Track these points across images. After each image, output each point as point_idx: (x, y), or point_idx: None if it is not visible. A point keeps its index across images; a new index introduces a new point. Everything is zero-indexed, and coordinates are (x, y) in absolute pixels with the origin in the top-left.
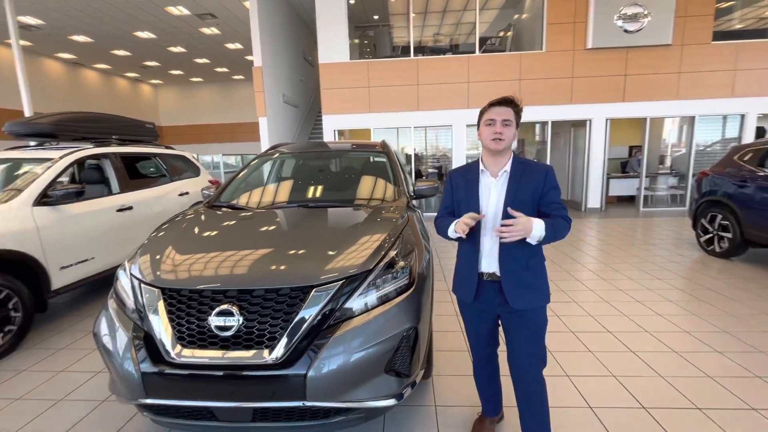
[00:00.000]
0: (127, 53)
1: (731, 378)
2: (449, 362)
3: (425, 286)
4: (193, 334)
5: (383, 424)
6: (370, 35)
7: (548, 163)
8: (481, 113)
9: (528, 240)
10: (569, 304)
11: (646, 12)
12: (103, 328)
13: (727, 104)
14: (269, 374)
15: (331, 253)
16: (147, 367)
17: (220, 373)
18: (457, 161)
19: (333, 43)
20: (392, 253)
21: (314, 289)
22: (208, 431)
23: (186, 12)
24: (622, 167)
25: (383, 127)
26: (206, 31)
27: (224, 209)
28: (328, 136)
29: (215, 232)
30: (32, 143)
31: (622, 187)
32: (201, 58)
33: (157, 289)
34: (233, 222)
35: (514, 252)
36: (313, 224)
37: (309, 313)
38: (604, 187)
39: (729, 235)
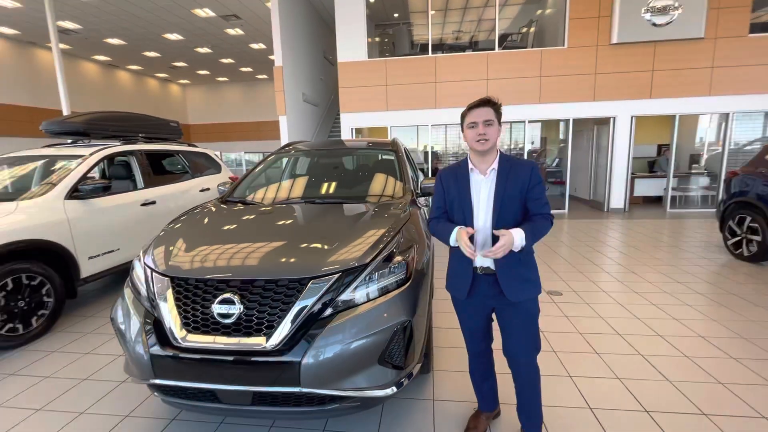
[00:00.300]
0: (157, 54)
1: (743, 385)
2: (449, 358)
3: (423, 281)
4: (197, 320)
5: (380, 415)
6: (390, 33)
7: (569, 162)
8: (463, 116)
9: (512, 249)
10: (579, 305)
11: (676, 4)
12: (119, 314)
13: (765, 100)
14: (266, 360)
15: (330, 246)
16: (156, 350)
17: (221, 358)
18: None
19: (351, 41)
20: (390, 248)
21: (311, 281)
22: (212, 412)
23: (211, 14)
24: (650, 166)
25: (400, 125)
26: (231, 31)
27: (236, 204)
28: (346, 134)
29: (223, 226)
30: (68, 141)
31: (648, 187)
32: (226, 58)
33: (166, 278)
34: (241, 216)
35: None
36: (315, 219)
37: (305, 303)
38: (628, 186)
39: (758, 238)
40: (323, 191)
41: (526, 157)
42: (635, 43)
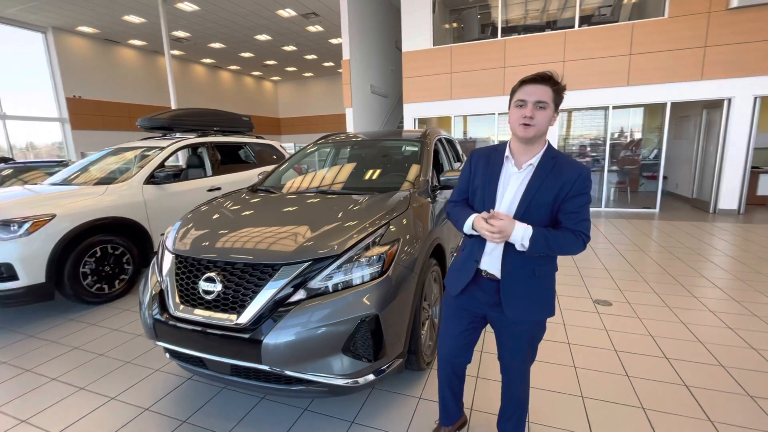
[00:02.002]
0: (251, 55)
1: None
2: None
3: (409, 277)
4: (188, 294)
5: (362, 404)
6: (459, 18)
7: (663, 154)
8: (513, 92)
9: (511, 241)
10: (628, 319)
11: None
12: (142, 285)
13: None
14: (235, 336)
15: (309, 234)
16: (157, 316)
17: (201, 330)
18: None
19: (416, 30)
20: (367, 240)
21: (282, 267)
22: (207, 379)
23: (293, 13)
24: None
25: (464, 114)
26: (311, 29)
27: (257, 194)
28: (408, 124)
29: (228, 214)
30: (159, 134)
31: None
32: (310, 55)
33: (172, 256)
34: (251, 204)
35: (523, 255)
36: (311, 209)
37: (274, 287)
38: (745, 183)
39: None
40: (335, 183)
41: (607, 149)
42: (763, 5)
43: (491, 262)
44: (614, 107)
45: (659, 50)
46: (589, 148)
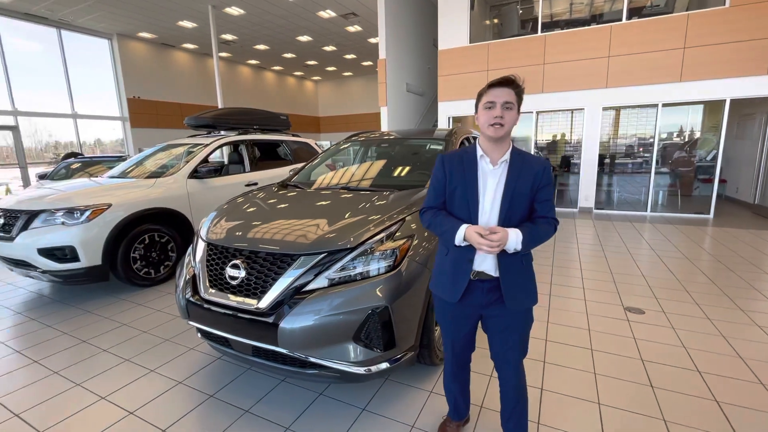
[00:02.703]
0: (293, 55)
1: None
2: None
3: (419, 272)
4: (216, 279)
5: (375, 392)
6: (498, 14)
7: (720, 155)
8: (480, 95)
9: (505, 249)
10: (661, 329)
11: None
12: (179, 269)
13: None
14: (255, 319)
15: (328, 228)
16: (189, 298)
17: (227, 312)
18: (589, 150)
19: (453, 27)
20: (382, 235)
21: (300, 257)
22: (235, 360)
23: (333, 14)
24: None
25: None
26: (350, 29)
27: (286, 189)
28: (443, 123)
29: (259, 206)
30: (205, 132)
31: None
32: (349, 54)
33: (205, 243)
34: (279, 199)
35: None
36: (335, 204)
37: (292, 275)
38: None
39: None
40: (360, 179)
41: (655, 150)
42: None
43: (484, 260)
44: (664, 105)
45: (718, 42)
46: (635, 149)
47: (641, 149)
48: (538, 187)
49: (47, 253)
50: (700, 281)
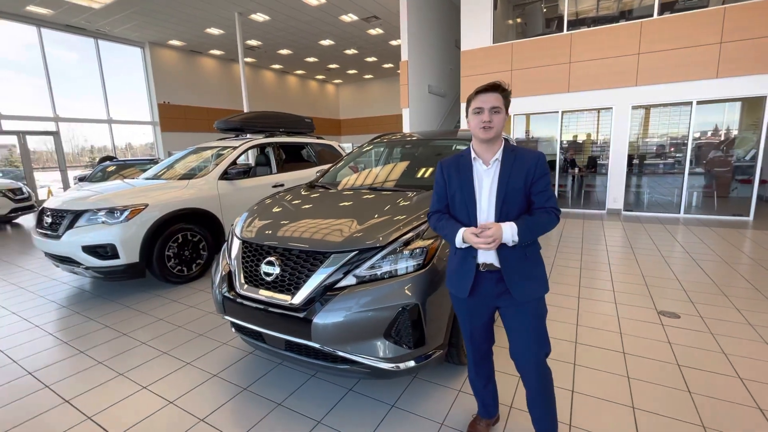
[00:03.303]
0: (316, 59)
1: None
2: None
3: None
4: (251, 275)
5: (404, 390)
6: (523, 13)
7: (761, 154)
8: (469, 101)
9: (504, 242)
10: (698, 334)
11: None
12: (214, 267)
13: None
14: (289, 314)
15: (358, 227)
16: (225, 293)
17: (262, 307)
18: (617, 150)
19: (476, 28)
20: (410, 234)
21: (332, 255)
22: (268, 354)
23: (354, 18)
24: None
25: (526, 112)
26: (372, 32)
27: (314, 189)
28: (464, 124)
29: (290, 206)
30: (233, 135)
31: None
32: (370, 57)
33: (240, 241)
34: (308, 199)
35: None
36: (363, 204)
37: (324, 272)
38: None
39: None
40: (386, 180)
41: (688, 149)
42: None
43: (488, 254)
44: (699, 102)
45: (758, 37)
46: (667, 148)
47: (673, 149)
48: (533, 180)
49: (90, 250)
50: (739, 285)
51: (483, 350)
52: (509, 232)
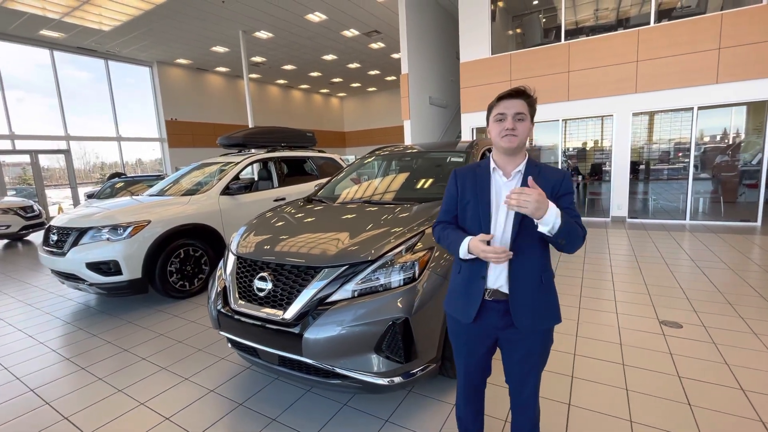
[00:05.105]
0: (319, 74)
1: None
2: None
3: (439, 284)
4: (245, 291)
5: (398, 404)
6: (520, 24)
7: (766, 158)
8: (490, 108)
9: (538, 223)
10: (701, 344)
11: None
12: (211, 281)
13: None
14: (281, 329)
15: (349, 241)
16: (220, 309)
17: (255, 322)
18: (619, 157)
19: (474, 39)
20: (401, 248)
21: (323, 269)
22: (263, 369)
23: (356, 32)
24: None
25: None
26: (374, 46)
27: (310, 203)
28: (466, 134)
29: (285, 221)
30: (236, 151)
31: None
32: (373, 70)
33: (235, 257)
34: (304, 213)
35: (528, 264)
36: (358, 217)
37: (316, 287)
38: None
39: None
40: (382, 193)
41: (692, 155)
42: None
43: (497, 278)
44: (700, 108)
45: (757, 42)
46: (671, 154)
47: (678, 154)
48: (558, 195)
49: (94, 267)
50: (745, 293)
51: (476, 383)
52: (554, 212)
